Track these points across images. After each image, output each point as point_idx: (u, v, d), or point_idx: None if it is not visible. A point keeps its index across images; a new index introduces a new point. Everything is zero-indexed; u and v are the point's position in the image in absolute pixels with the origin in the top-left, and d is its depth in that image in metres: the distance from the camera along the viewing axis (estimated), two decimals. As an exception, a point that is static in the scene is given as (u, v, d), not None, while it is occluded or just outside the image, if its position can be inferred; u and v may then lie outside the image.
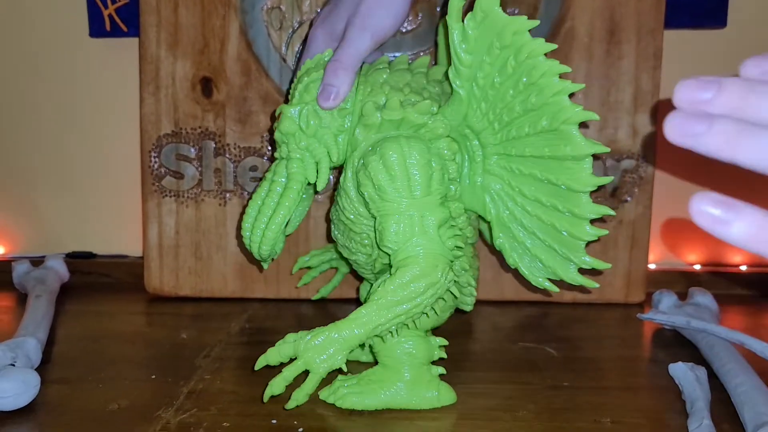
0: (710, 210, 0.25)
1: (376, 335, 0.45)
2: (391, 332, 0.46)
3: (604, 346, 0.61)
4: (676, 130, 0.25)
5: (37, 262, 0.76)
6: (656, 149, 0.69)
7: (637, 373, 0.55)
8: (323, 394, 0.49)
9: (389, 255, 0.46)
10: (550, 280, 0.48)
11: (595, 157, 0.44)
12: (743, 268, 0.78)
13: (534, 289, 0.55)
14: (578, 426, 0.46)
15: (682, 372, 0.50)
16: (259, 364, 0.46)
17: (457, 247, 0.47)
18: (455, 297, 0.51)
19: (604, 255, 0.70)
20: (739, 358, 0.51)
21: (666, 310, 0.63)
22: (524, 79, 0.43)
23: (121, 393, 0.50)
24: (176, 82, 0.70)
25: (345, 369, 0.45)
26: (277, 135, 0.51)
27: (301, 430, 0.45)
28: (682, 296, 0.66)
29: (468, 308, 0.54)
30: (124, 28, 0.75)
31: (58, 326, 0.64)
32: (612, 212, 0.44)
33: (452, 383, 0.52)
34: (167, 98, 0.70)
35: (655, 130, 0.68)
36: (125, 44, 0.76)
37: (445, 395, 0.49)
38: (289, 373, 0.44)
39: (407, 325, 0.46)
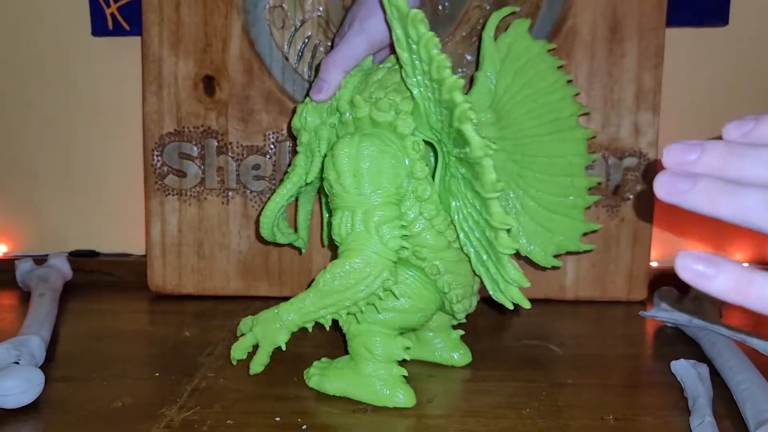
0: (694, 266, 0.27)
1: (313, 321, 0.48)
2: (326, 320, 0.48)
3: (606, 344, 0.61)
4: (664, 188, 0.28)
5: (40, 260, 0.77)
6: (658, 147, 0.69)
7: (639, 370, 0.55)
8: (305, 372, 0.52)
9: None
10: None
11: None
12: (744, 265, 0.77)
13: (534, 287, 0.55)
14: (582, 423, 0.46)
15: (684, 369, 0.50)
16: (239, 331, 0.52)
17: (404, 247, 0.47)
18: (437, 302, 0.50)
19: (607, 253, 0.70)
20: (741, 356, 0.51)
21: (668, 308, 0.63)
22: (432, 75, 0.42)
23: (125, 391, 0.50)
24: (179, 80, 0.70)
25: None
26: (292, 130, 0.54)
27: (304, 427, 0.45)
28: (685, 294, 0.67)
29: (457, 315, 0.52)
30: (127, 27, 0.75)
31: (61, 324, 0.64)
32: (514, 224, 0.41)
33: (455, 380, 0.52)
34: (170, 97, 0.70)
35: (657, 128, 0.69)
36: (128, 43, 0.76)
37: (403, 397, 0.48)
38: (242, 343, 0.50)
39: (341, 315, 0.48)
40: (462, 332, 0.56)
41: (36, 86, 0.79)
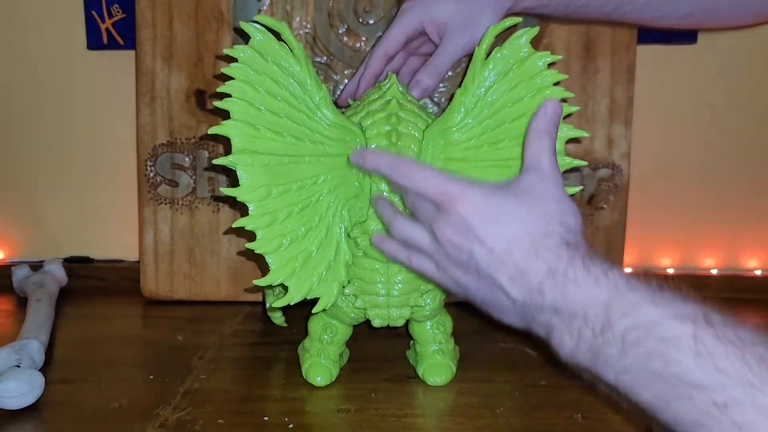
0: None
1: None
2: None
3: None
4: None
5: (36, 266, 0.79)
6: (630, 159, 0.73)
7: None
8: None
9: None
10: None
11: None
12: (714, 271, 0.81)
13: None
14: (552, 422, 0.49)
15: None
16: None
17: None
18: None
19: (582, 259, 0.73)
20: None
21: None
22: None
23: (121, 392, 0.53)
24: (171, 93, 0.73)
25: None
26: None
27: (291, 426, 0.48)
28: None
29: (373, 323, 0.53)
30: (121, 42, 0.77)
31: (58, 329, 0.67)
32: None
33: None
34: (163, 109, 0.73)
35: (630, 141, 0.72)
36: (122, 57, 0.78)
37: (320, 379, 0.54)
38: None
39: None
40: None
41: (33, 97, 0.81)
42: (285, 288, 0.48)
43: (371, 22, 0.70)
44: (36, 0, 0.79)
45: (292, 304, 0.48)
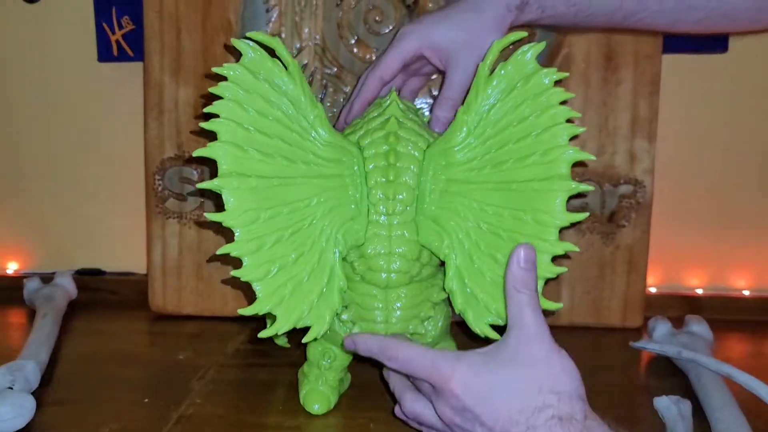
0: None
1: None
2: None
3: (596, 373, 0.59)
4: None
5: (48, 278, 0.79)
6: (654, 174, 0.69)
7: (626, 401, 0.55)
8: None
9: None
10: None
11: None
12: (746, 292, 0.77)
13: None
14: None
15: (665, 406, 0.50)
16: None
17: None
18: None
19: (602, 279, 0.70)
20: (724, 392, 0.51)
21: (660, 339, 0.63)
22: None
23: (114, 416, 0.52)
24: (179, 106, 0.72)
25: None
26: None
27: (282, 459, 0.46)
28: (682, 321, 0.66)
29: None
30: (131, 53, 0.77)
31: (62, 345, 0.66)
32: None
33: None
34: (171, 122, 0.72)
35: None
36: (132, 68, 0.78)
37: (318, 407, 0.52)
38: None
39: None
40: None
41: (45, 109, 0.81)
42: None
43: (383, 32, 0.68)
44: (47, 12, 0.79)
45: (279, 334, 0.46)
